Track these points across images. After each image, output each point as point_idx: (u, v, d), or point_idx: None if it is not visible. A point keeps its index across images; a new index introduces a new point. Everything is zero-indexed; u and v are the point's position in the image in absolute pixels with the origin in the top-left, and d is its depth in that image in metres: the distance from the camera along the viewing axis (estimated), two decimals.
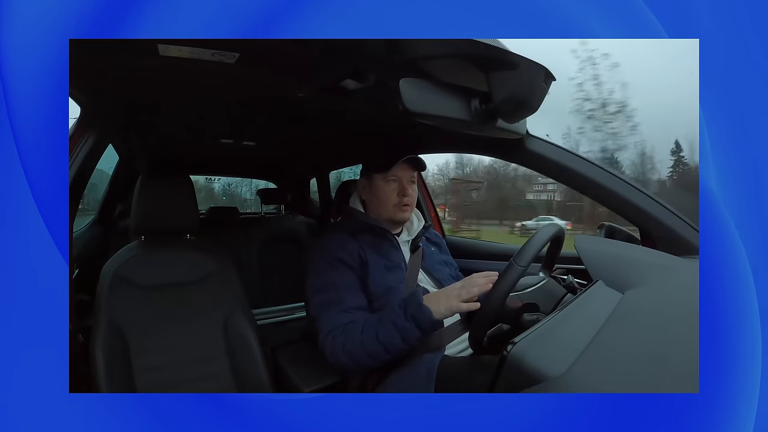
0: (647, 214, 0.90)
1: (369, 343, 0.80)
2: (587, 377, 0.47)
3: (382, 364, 0.82)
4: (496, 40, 0.63)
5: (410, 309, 0.79)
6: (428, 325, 0.78)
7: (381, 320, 0.81)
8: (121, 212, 2.02)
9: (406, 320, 0.78)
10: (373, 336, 0.80)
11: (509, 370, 0.51)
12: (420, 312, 0.77)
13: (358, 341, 0.81)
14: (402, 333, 0.78)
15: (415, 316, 0.77)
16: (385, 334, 0.79)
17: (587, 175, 0.95)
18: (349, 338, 0.82)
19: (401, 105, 0.63)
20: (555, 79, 0.72)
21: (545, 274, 0.91)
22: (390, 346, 0.79)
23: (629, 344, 0.52)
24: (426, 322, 0.77)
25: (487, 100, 0.70)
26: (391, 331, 0.79)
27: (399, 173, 0.97)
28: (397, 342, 0.79)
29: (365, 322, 0.83)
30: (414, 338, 0.79)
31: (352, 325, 0.84)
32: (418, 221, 1.06)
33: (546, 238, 0.77)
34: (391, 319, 0.80)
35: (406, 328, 0.78)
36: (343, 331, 0.83)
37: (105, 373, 0.85)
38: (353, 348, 0.81)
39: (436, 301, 0.78)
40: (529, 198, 9.67)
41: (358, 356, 0.81)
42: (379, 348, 0.79)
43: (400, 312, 0.79)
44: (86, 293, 1.08)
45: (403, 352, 0.81)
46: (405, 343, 0.79)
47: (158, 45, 0.68)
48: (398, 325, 0.78)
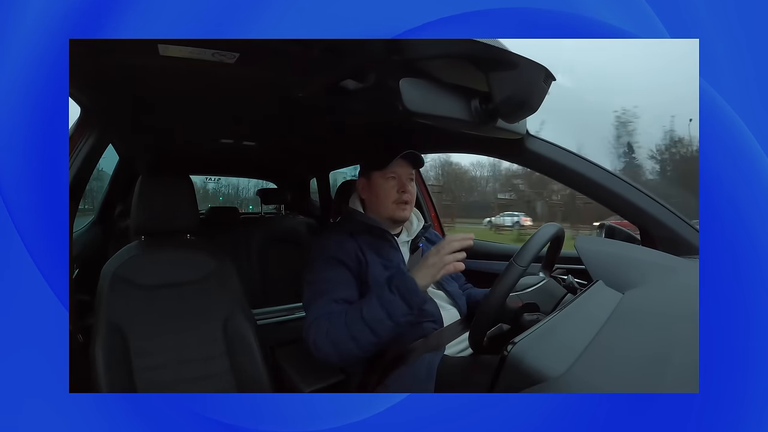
0: (647, 214, 0.91)
1: (353, 324, 0.77)
2: (587, 377, 0.47)
3: (368, 351, 0.79)
4: (496, 40, 0.63)
5: (395, 281, 0.77)
6: (413, 295, 0.76)
7: (366, 300, 0.80)
8: (121, 212, 2.02)
9: (390, 292, 0.76)
10: (358, 316, 0.77)
11: (509, 370, 0.51)
12: (404, 282, 0.76)
13: (342, 324, 0.78)
14: (387, 307, 0.76)
15: (398, 286, 0.76)
16: (369, 310, 0.77)
17: (587, 175, 0.95)
18: (333, 323, 0.79)
19: (401, 105, 0.63)
20: (555, 79, 0.72)
21: (545, 274, 0.92)
22: (375, 324, 0.76)
23: (629, 344, 0.52)
24: (410, 291, 0.75)
25: (487, 100, 0.70)
26: (376, 306, 0.77)
27: (398, 170, 0.97)
28: (383, 318, 0.76)
29: (350, 307, 0.81)
30: (399, 313, 0.76)
31: (338, 312, 0.82)
32: (417, 221, 1.06)
33: (546, 238, 0.77)
34: (376, 294, 0.78)
35: (390, 300, 0.76)
36: (327, 318, 0.81)
37: (105, 373, 0.85)
38: (337, 332, 0.78)
39: (417, 270, 0.78)
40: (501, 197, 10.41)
41: (342, 341, 0.78)
42: (364, 328, 0.76)
43: (385, 285, 0.78)
44: (86, 293, 1.08)
45: (390, 332, 0.77)
46: (390, 318, 0.76)
47: (158, 45, 0.68)
48: (383, 298, 0.77)
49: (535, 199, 7.24)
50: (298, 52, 0.71)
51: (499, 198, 10.55)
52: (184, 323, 0.98)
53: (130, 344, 0.91)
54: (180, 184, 1.06)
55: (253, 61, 0.77)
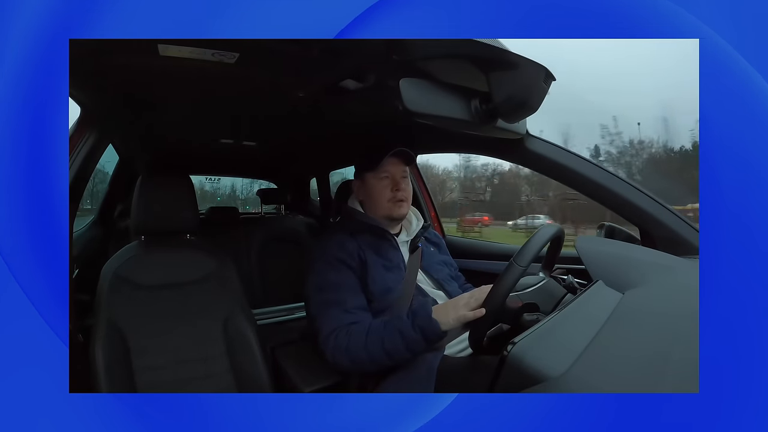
0: (647, 214, 0.91)
1: (373, 349, 0.80)
2: (587, 377, 0.47)
3: (382, 368, 0.83)
4: (496, 40, 0.63)
5: (419, 320, 0.79)
6: (435, 337, 0.78)
7: (387, 328, 0.81)
8: (121, 212, 2.02)
9: (413, 331, 0.78)
10: (378, 342, 0.80)
11: (509, 370, 0.51)
12: (429, 324, 0.78)
13: (362, 345, 0.81)
14: (408, 343, 0.79)
15: (423, 328, 0.78)
16: (390, 341, 0.80)
17: (587, 175, 0.95)
18: (352, 341, 0.82)
19: (401, 105, 0.63)
20: (555, 79, 0.72)
21: (545, 274, 0.91)
22: (394, 354, 0.80)
23: (629, 344, 0.52)
24: (433, 334, 0.78)
25: (487, 100, 0.70)
26: (397, 339, 0.79)
27: (390, 169, 0.97)
28: (401, 350, 0.79)
29: (370, 326, 0.84)
30: (419, 349, 0.80)
31: (356, 328, 0.84)
32: (417, 221, 1.05)
33: (546, 238, 0.77)
34: (398, 328, 0.80)
35: (412, 338, 0.78)
36: (346, 333, 0.83)
37: (105, 373, 0.85)
38: (356, 351, 0.81)
39: (444, 313, 0.79)
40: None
41: (360, 360, 0.81)
42: (382, 354, 0.80)
43: (408, 322, 0.80)
44: (86, 293, 1.08)
45: (405, 360, 0.82)
46: (409, 351, 0.80)
47: (158, 45, 0.68)
48: (405, 334, 0.79)
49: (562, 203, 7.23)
50: (297, 52, 0.71)
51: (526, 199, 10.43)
52: (184, 323, 0.98)
53: (130, 344, 0.91)
54: (180, 184, 1.06)
55: (253, 61, 0.77)
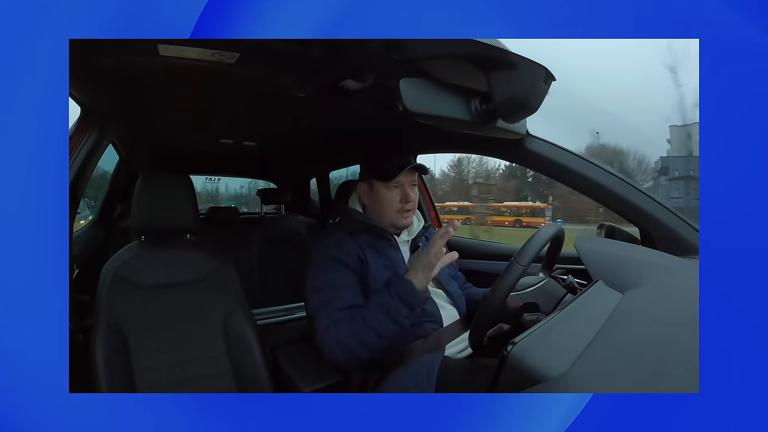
0: (647, 214, 0.90)
1: (360, 331, 0.81)
2: (587, 377, 0.47)
3: (378, 352, 0.82)
4: (496, 40, 0.63)
5: (393, 287, 0.80)
6: (413, 297, 0.79)
7: (368, 307, 0.83)
8: (121, 212, 2.02)
9: (391, 299, 0.79)
10: (363, 323, 0.81)
11: (509, 370, 0.51)
12: (403, 287, 0.79)
13: (350, 331, 0.82)
14: (390, 314, 0.79)
15: (399, 293, 0.79)
16: (374, 319, 0.80)
17: (587, 175, 0.95)
18: (341, 332, 0.82)
19: (401, 105, 0.63)
20: (555, 79, 0.72)
21: (545, 274, 0.92)
22: (381, 329, 0.80)
23: (629, 344, 0.52)
24: (409, 294, 0.79)
25: (487, 100, 0.70)
26: (379, 312, 0.80)
27: (401, 179, 0.97)
28: (387, 322, 0.79)
29: (354, 313, 0.84)
30: (403, 315, 0.80)
31: (344, 319, 0.84)
32: (417, 221, 1.05)
33: (546, 238, 0.77)
34: (377, 302, 0.81)
35: (392, 306, 0.79)
36: (336, 327, 0.84)
37: (105, 373, 0.85)
38: (347, 340, 0.82)
39: (413, 272, 0.81)
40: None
41: (353, 348, 0.81)
42: (370, 333, 0.80)
43: (384, 291, 0.81)
44: (86, 293, 1.08)
45: (397, 335, 0.81)
46: (394, 322, 0.79)
47: (158, 45, 0.68)
48: (385, 305, 0.80)
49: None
50: (298, 52, 0.71)
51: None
52: (184, 323, 0.98)
53: (130, 344, 0.91)
54: (180, 184, 1.06)
55: (253, 61, 0.77)
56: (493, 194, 15.69)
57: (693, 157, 16.01)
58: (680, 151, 16.71)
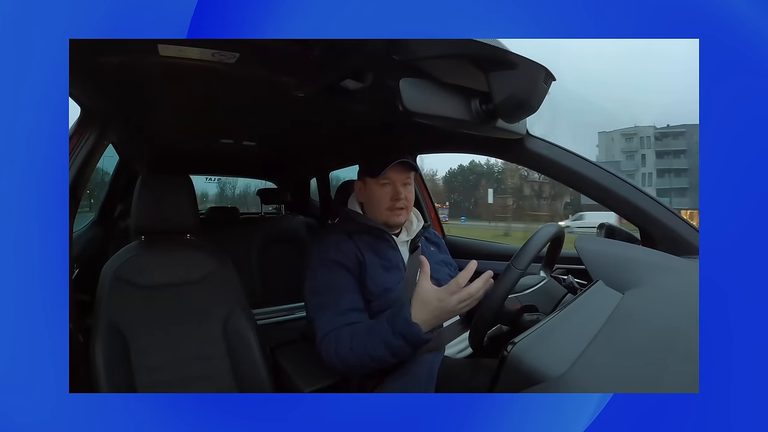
0: (647, 214, 0.90)
1: (359, 353, 0.79)
2: (587, 377, 0.47)
3: (377, 371, 0.82)
4: (496, 40, 0.63)
5: (398, 326, 0.75)
6: (418, 341, 0.75)
7: (370, 333, 0.79)
8: (121, 212, 2.02)
9: (395, 338, 0.76)
10: (362, 348, 0.78)
11: (509, 370, 0.51)
12: (408, 329, 0.74)
13: (349, 350, 0.80)
14: (391, 349, 0.76)
15: (403, 334, 0.75)
16: (374, 348, 0.77)
17: (587, 175, 0.95)
18: (340, 344, 0.81)
19: (401, 105, 0.63)
20: (555, 79, 0.72)
21: (545, 274, 0.91)
22: (380, 361, 0.78)
23: (629, 344, 0.52)
24: (415, 338, 0.74)
25: (487, 100, 0.70)
26: (380, 346, 0.77)
27: (392, 176, 0.96)
28: (387, 356, 0.77)
29: (355, 329, 0.82)
30: (405, 353, 0.77)
31: (344, 330, 0.82)
32: (417, 221, 1.05)
33: (544, 240, 0.76)
34: (379, 335, 0.77)
35: (395, 345, 0.76)
36: (336, 337, 0.82)
37: (105, 373, 0.85)
38: (346, 356, 0.80)
39: (424, 312, 0.74)
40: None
41: (351, 364, 0.81)
42: (369, 361, 0.78)
43: (388, 329, 0.76)
44: (86, 293, 1.08)
45: (396, 364, 0.80)
46: (396, 358, 0.77)
47: (158, 45, 0.68)
48: (387, 341, 0.76)
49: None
50: (298, 52, 0.71)
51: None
52: (184, 323, 0.98)
53: (130, 344, 0.91)
54: (180, 184, 1.06)
55: (253, 61, 0.77)
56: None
57: (614, 162, 21.94)
58: (607, 156, 21.93)
